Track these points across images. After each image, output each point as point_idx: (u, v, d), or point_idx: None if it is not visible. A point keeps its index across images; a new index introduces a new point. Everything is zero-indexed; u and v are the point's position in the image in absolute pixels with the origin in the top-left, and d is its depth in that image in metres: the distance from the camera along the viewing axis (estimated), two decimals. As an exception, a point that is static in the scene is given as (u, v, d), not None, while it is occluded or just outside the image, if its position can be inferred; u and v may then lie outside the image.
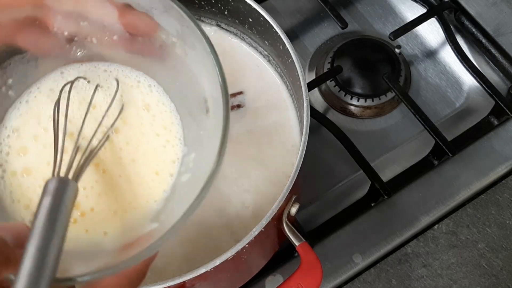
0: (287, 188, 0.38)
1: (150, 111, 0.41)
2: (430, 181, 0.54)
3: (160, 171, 0.39)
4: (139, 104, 0.41)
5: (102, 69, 0.42)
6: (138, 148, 0.40)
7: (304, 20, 0.66)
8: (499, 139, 0.55)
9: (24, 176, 0.39)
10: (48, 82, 0.42)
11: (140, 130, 0.40)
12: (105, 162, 0.39)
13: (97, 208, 0.38)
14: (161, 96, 0.41)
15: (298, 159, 0.39)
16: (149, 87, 0.42)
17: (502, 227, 0.52)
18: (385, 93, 0.59)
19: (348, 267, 0.50)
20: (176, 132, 0.40)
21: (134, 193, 0.38)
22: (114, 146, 0.40)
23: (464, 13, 0.62)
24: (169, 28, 0.37)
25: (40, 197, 0.32)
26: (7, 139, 0.40)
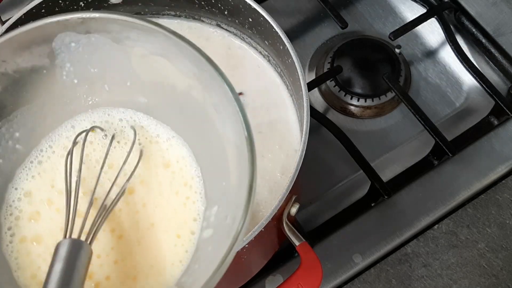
0: (287, 188, 0.38)
1: (169, 168, 0.38)
2: (430, 181, 0.53)
3: (182, 233, 0.36)
4: (158, 161, 0.39)
5: (117, 118, 0.40)
6: (156, 210, 0.37)
7: (304, 20, 0.66)
8: (499, 139, 0.55)
9: (34, 244, 0.37)
10: (61, 139, 0.39)
11: (158, 190, 0.38)
12: (121, 227, 0.37)
13: (113, 275, 0.36)
14: (181, 149, 0.39)
15: (298, 159, 0.39)
16: (168, 140, 0.39)
17: (502, 227, 0.52)
18: (385, 93, 0.59)
19: (348, 267, 0.50)
20: (197, 187, 0.38)
21: (155, 257, 0.36)
22: (130, 209, 0.37)
23: (464, 13, 0.62)
24: (186, 70, 0.35)
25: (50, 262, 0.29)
26: (17, 202, 0.38)
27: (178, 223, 0.36)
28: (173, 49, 0.33)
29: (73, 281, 0.28)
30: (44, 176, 0.38)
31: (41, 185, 0.38)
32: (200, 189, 0.38)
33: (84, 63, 0.37)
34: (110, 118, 0.40)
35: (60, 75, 0.38)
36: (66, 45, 0.36)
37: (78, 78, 0.38)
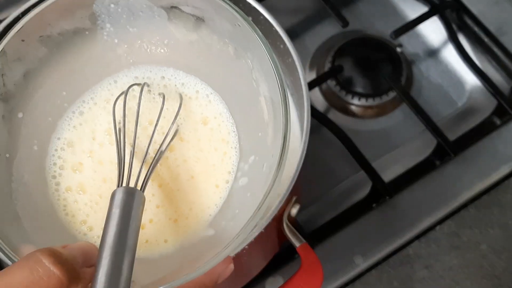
0: (288, 188, 0.38)
1: (208, 125, 0.41)
2: (432, 181, 0.53)
3: (219, 183, 0.39)
4: (197, 118, 0.41)
5: (159, 75, 0.42)
6: (196, 164, 0.40)
7: (304, 19, 0.66)
8: (502, 139, 0.55)
9: (80, 193, 0.39)
10: (103, 92, 0.42)
11: (198, 146, 0.40)
12: (162, 178, 0.39)
13: (155, 219, 0.39)
14: (219, 106, 0.41)
15: (299, 159, 0.39)
16: (207, 97, 0.41)
17: (505, 228, 0.52)
18: (386, 93, 0.59)
19: (349, 268, 0.49)
20: (233, 142, 0.40)
21: (193, 202, 0.39)
22: (171, 163, 0.40)
23: (466, 11, 0.62)
24: (221, 29, 0.37)
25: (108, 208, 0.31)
26: (60, 151, 0.40)
27: (215, 176, 0.39)
28: (210, 8, 0.35)
29: (130, 223, 0.30)
30: (86, 126, 0.41)
31: (83, 135, 0.41)
32: (236, 143, 0.40)
33: (123, 24, 0.40)
34: (152, 74, 0.42)
35: (101, 36, 0.40)
36: (106, 7, 0.38)
37: (118, 38, 0.41)
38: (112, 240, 0.29)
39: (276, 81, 0.32)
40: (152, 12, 0.39)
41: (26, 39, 0.36)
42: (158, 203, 0.39)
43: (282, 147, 0.31)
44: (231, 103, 0.41)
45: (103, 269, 0.28)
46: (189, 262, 0.35)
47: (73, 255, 0.28)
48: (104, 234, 0.30)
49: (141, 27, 0.40)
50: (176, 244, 0.38)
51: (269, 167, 0.33)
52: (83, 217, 0.38)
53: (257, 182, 0.35)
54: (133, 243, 0.30)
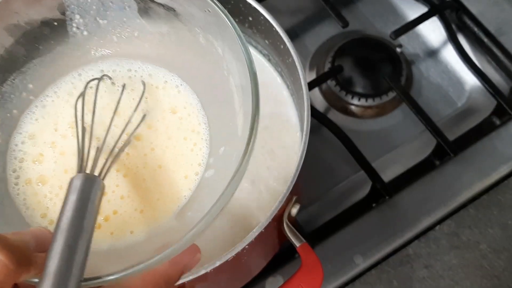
0: (288, 188, 0.38)
1: (177, 114, 0.40)
2: (432, 181, 0.53)
3: (188, 174, 0.38)
4: (165, 106, 0.40)
5: (126, 68, 0.41)
6: (165, 153, 0.39)
7: (304, 19, 0.66)
8: (501, 139, 0.55)
9: (39, 185, 0.38)
10: (66, 85, 0.41)
11: (166, 135, 0.39)
12: (128, 167, 0.38)
13: (121, 210, 0.38)
14: (189, 96, 0.40)
15: (299, 159, 0.39)
16: (176, 87, 0.41)
17: (504, 228, 0.52)
18: (386, 93, 0.59)
19: (349, 268, 0.50)
20: (203, 133, 0.40)
21: (161, 192, 0.38)
22: (139, 152, 0.39)
23: (466, 12, 0.62)
24: (192, 18, 0.36)
25: (65, 194, 0.31)
26: (21, 145, 0.39)
27: (185, 166, 0.39)
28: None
29: (87, 210, 0.29)
30: (48, 119, 0.40)
31: (45, 127, 0.40)
32: (207, 135, 0.39)
33: (93, 15, 0.39)
34: (118, 67, 0.41)
35: (70, 28, 0.39)
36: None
37: (88, 30, 0.40)
38: (67, 225, 0.28)
39: (245, 65, 0.32)
40: (122, 3, 0.38)
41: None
42: (123, 194, 0.38)
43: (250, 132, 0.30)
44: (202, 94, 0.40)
45: (55, 254, 0.27)
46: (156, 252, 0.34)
47: (24, 240, 0.27)
48: (59, 219, 0.29)
49: (111, 19, 0.39)
50: (142, 235, 0.37)
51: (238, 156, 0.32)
52: (43, 211, 0.37)
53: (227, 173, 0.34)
54: (89, 229, 0.29)
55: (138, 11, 0.38)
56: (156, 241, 0.36)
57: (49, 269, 0.26)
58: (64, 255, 0.27)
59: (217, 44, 0.36)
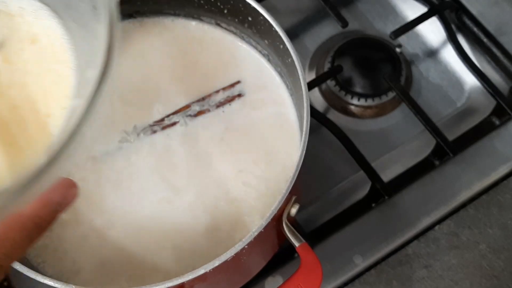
0: (287, 188, 0.38)
1: (37, 44, 0.34)
2: (431, 181, 0.53)
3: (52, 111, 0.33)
4: (22, 36, 0.34)
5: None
6: (23, 91, 0.33)
7: (304, 19, 0.66)
8: (501, 139, 0.55)
9: None
10: None
11: (24, 69, 0.34)
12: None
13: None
14: (50, 21, 0.34)
15: (298, 159, 0.39)
16: (34, 12, 0.35)
17: (504, 227, 0.52)
18: (385, 93, 0.59)
19: (349, 268, 0.50)
20: (69, 61, 0.34)
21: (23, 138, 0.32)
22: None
23: (466, 12, 0.62)
24: None
25: None
26: None
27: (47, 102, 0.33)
28: None
29: None
30: None
31: None
32: (73, 62, 0.33)
33: None
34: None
35: None
36: None
37: None
38: None
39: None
40: None
41: None
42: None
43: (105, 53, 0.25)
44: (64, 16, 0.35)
45: None
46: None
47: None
48: None
49: None
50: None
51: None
52: None
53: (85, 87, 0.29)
54: None
55: None
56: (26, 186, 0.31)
57: None
58: None
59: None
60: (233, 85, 0.49)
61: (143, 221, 0.45)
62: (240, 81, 0.50)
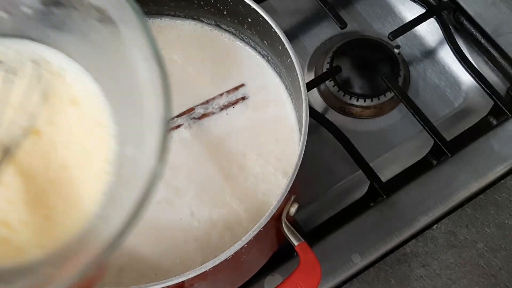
0: (286, 188, 0.38)
1: (78, 106, 0.35)
2: (429, 181, 0.53)
3: (96, 172, 0.34)
4: (64, 98, 0.35)
5: (13, 49, 0.35)
6: (67, 150, 0.34)
7: (303, 20, 0.66)
8: (498, 139, 0.55)
9: None
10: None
11: (68, 130, 0.35)
12: (29, 169, 0.34)
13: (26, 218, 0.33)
14: (90, 85, 0.35)
15: (297, 159, 0.39)
16: (74, 74, 0.35)
17: (501, 227, 0.52)
18: (384, 93, 0.59)
19: (347, 267, 0.50)
20: (109, 126, 0.35)
21: (67, 196, 0.33)
22: (38, 149, 0.34)
23: (463, 13, 0.62)
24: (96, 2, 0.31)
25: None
26: None
27: (91, 164, 0.34)
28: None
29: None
30: None
31: None
32: (113, 129, 0.35)
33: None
34: (5, 49, 0.35)
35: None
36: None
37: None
38: None
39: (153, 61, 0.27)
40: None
41: None
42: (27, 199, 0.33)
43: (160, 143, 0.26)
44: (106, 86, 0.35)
45: None
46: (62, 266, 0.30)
47: None
48: None
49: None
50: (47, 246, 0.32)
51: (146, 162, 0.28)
52: None
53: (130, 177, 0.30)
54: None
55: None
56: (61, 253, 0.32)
57: None
58: None
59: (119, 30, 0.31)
60: (237, 88, 0.50)
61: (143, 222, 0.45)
62: (244, 84, 0.50)
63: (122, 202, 0.29)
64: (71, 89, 0.35)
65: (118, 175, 0.33)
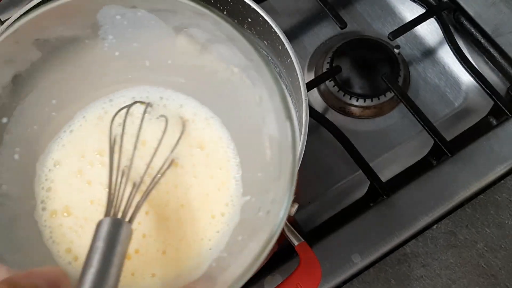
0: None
1: (204, 150, 0.38)
2: (429, 181, 0.53)
3: (213, 214, 0.36)
4: (193, 141, 0.38)
5: (157, 96, 0.39)
6: (189, 192, 0.36)
7: (303, 20, 0.66)
8: (498, 139, 0.55)
9: (65, 215, 0.36)
10: (96, 110, 0.39)
11: (192, 172, 0.37)
12: (149, 205, 0.36)
13: (142, 249, 0.35)
14: (218, 130, 0.38)
15: (297, 159, 0.39)
16: (205, 120, 0.39)
17: (501, 227, 0.52)
18: (384, 93, 0.59)
19: (347, 267, 0.50)
20: (232, 171, 0.37)
21: (184, 232, 0.36)
22: (161, 188, 0.36)
23: (463, 13, 0.62)
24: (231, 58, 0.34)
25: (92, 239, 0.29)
26: (48, 173, 0.37)
27: (210, 206, 0.36)
28: (221, 35, 0.32)
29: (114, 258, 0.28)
30: (75, 144, 0.38)
31: (71, 153, 0.38)
32: (235, 173, 0.37)
33: (127, 37, 0.36)
34: (150, 95, 0.39)
35: (101, 47, 0.37)
36: (111, 18, 0.35)
37: (120, 51, 0.37)
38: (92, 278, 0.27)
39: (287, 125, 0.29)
40: (159, 29, 0.35)
41: (21, 41, 0.33)
42: (145, 232, 0.36)
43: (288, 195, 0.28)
44: (233, 133, 0.38)
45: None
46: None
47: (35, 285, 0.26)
48: (84, 270, 0.28)
49: (146, 43, 0.37)
50: (165, 279, 0.35)
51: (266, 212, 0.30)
52: (67, 245, 0.36)
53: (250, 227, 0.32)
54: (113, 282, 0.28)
55: (174, 40, 0.36)
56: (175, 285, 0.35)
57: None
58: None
59: (254, 90, 0.34)
60: None
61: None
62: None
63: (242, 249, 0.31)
64: (200, 133, 0.38)
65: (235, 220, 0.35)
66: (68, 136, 0.38)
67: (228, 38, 0.32)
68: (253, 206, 0.34)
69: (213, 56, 0.36)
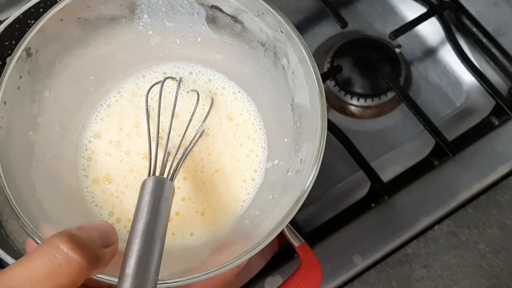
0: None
1: (233, 120, 0.41)
2: (431, 181, 0.53)
3: (246, 179, 0.40)
4: (222, 113, 0.41)
5: (187, 71, 0.43)
6: (221, 158, 0.40)
7: (303, 19, 0.66)
8: (500, 139, 0.55)
9: (106, 183, 0.39)
10: (130, 85, 0.42)
11: (223, 140, 0.40)
12: (186, 171, 0.39)
13: (182, 211, 0.39)
14: (246, 103, 0.42)
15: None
16: (233, 94, 0.42)
17: (503, 227, 0.52)
18: (385, 93, 0.59)
19: (348, 267, 0.50)
20: (260, 140, 0.40)
21: (221, 194, 0.39)
22: (195, 155, 0.40)
23: (465, 12, 0.62)
24: (260, 32, 0.37)
25: (139, 196, 0.31)
26: (88, 144, 0.40)
27: (241, 171, 0.40)
28: (251, 7, 0.35)
29: (161, 213, 0.30)
30: (112, 118, 0.41)
31: (110, 127, 0.41)
32: (263, 142, 0.40)
33: (161, 16, 0.40)
34: (180, 70, 0.43)
35: (137, 26, 0.40)
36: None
37: (153, 30, 0.41)
38: (143, 228, 0.29)
39: (316, 90, 0.33)
40: (192, 8, 0.39)
41: (65, 19, 0.36)
42: (184, 196, 0.39)
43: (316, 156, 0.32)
44: (259, 104, 0.41)
45: (133, 256, 0.28)
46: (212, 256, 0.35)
47: (91, 237, 0.27)
48: (135, 221, 0.30)
49: (178, 22, 0.40)
50: (202, 237, 0.38)
51: (295, 173, 0.34)
52: (110, 209, 0.39)
53: (279, 186, 0.36)
54: (163, 232, 0.30)
55: (205, 19, 0.39)
56: (212, 244, 0.37)
57: (127, 271, 0.27)
58: (142, 257, 0.28)
59: (282, 61, 0.37)
60: None
61: None
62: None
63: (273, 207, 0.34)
64: (229, 106, 0.41)
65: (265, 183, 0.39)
66: (105, 110, 0.41)
67: (258, 12, 0.35)
68: (281, 168, 0.37)
69: (243, 33, 0.39)
